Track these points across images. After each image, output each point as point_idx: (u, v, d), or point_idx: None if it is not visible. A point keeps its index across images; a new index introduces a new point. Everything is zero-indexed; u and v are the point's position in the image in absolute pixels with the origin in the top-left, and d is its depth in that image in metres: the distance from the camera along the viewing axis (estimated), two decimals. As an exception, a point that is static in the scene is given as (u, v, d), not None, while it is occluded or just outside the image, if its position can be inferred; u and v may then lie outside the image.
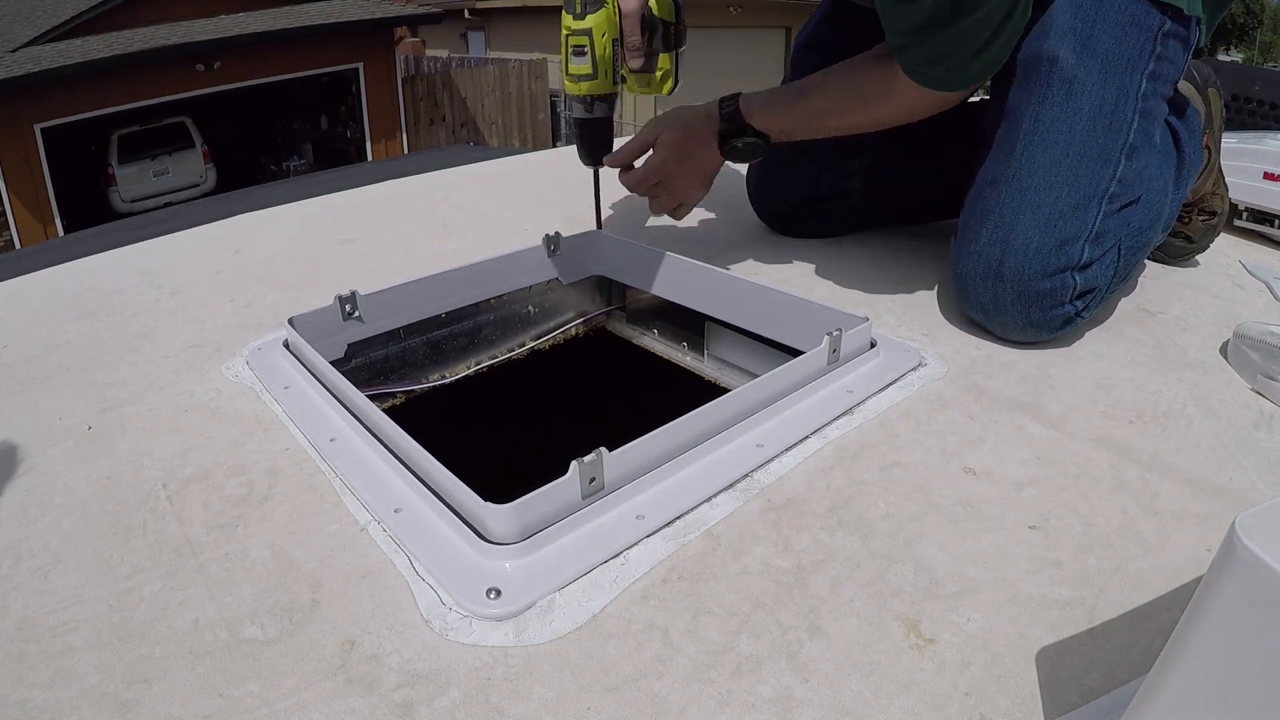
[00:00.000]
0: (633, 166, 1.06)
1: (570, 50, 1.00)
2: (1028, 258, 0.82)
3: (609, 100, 1.04)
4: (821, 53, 1.04)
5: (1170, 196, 0.95)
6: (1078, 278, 0.83)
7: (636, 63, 1.04)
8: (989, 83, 0.95)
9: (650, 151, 1.04)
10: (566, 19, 0.98)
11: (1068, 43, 0.87)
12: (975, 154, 0.94)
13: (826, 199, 1.15)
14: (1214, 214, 1.07)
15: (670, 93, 1.11)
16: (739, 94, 1.02)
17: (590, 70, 1.00)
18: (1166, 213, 0.96)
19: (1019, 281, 0.82)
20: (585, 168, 1.06)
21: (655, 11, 1.05)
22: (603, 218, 1.14)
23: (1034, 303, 0.82)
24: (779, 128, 0.98)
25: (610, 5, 0.99)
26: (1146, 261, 1.09)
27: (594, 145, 1.07)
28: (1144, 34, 0.87)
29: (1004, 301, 0.83)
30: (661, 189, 1.05)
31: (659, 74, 1.08)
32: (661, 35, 1.06)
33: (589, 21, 0.97)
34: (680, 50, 1.08)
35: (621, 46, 1.01)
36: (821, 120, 0.96)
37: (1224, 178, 1.10)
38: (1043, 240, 0.82)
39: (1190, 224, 1.07)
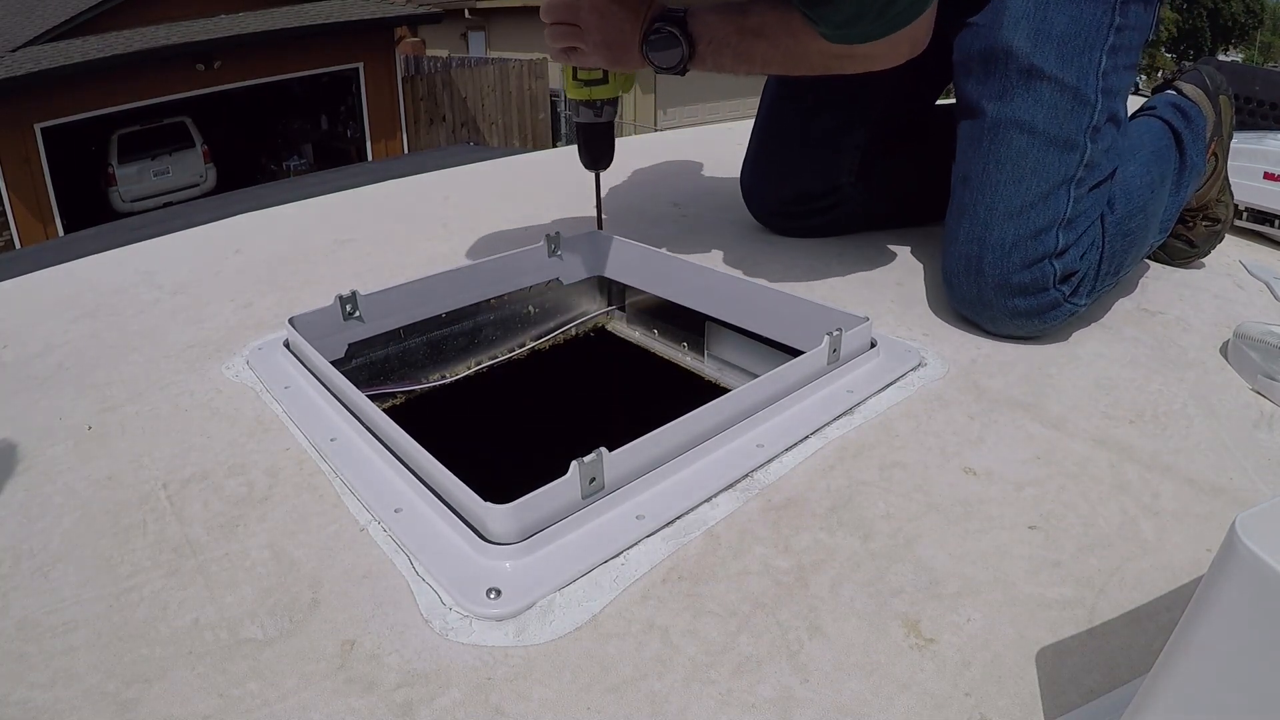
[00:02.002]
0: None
1: None
2: (1004, 252, 0.84)
3: (615, 104, 1.05)
4: None
5: (1166, 197, 0.95)
6: (1056, 264, 0.84)
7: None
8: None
9: None
10: None
11: (1022, 30, 0.86)
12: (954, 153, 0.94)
13: (819, 196, 1.15)
14: (1218, 221, 1.07)
15: (628, 90, 1.10)
16: None
17: (601, 75, 1.01)
18: (1163, 213, 0.95)
19: (998, 275, 0.84)
20: (573, 169, 1.06)
21: None
22: (603, 219, 1.14)
23: (1017, 294, 0.84)
24: (710, 35, 0.92)
25: None
26: (1148, 262, 1.09)
27: (597, 150, 1.07)
28: (1100, 7, 0.87)
29: (987, 296, 0.85)
30: (564, 35, 0.94)
31: (624, 76, 1.07)
32: None
33: None
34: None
35: None
36: (751, 41, 0.90)
37: (1230, 185, 1.10)
38: (1017, 233, 0.84)
39: (1194, 229, 1.07)
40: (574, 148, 1.09)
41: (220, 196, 2.19)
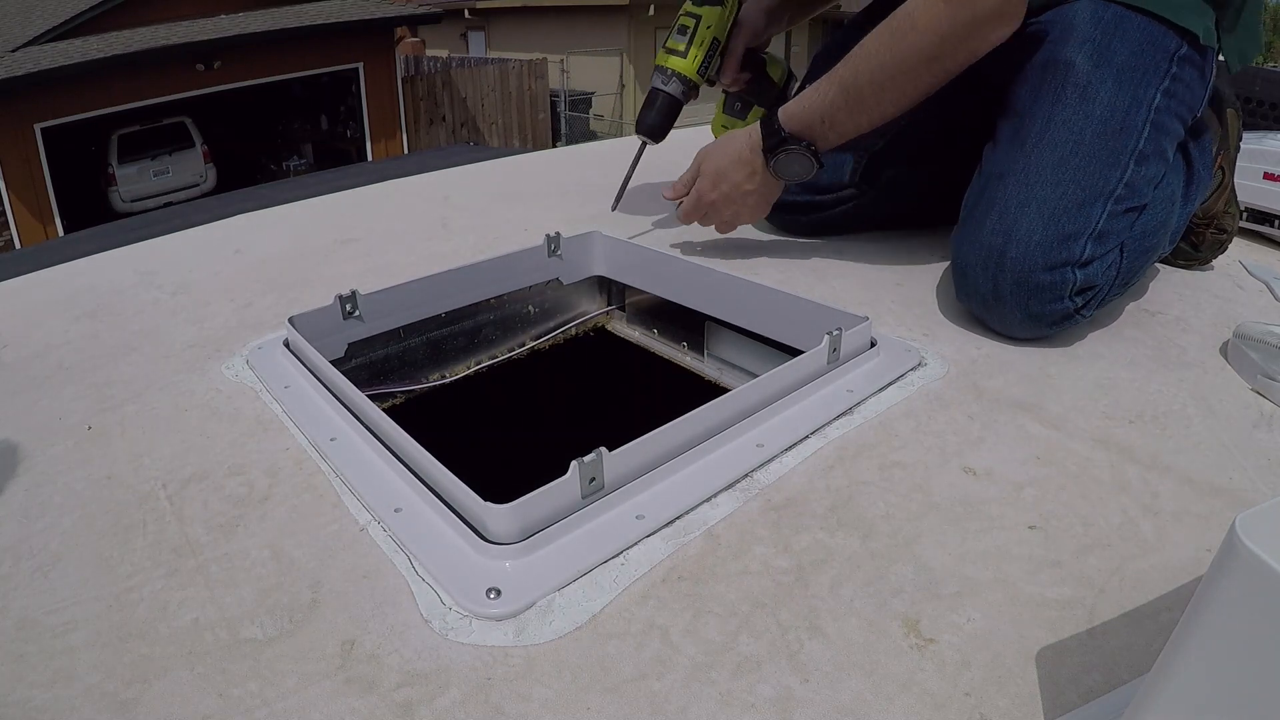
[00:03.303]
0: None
1: (676, 27, 1.11)
2: (1030, 249, 0.83)
3: (685, 84, 1.12)
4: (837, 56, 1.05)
5: (1178, 208, 0.95)
6: (1078, 273, 0.83)
7: (730, 79, 1.14)
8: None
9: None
10: (686, 3, 1.10)
11: (1085, 51, 0.88)
12: (976, 158, 0.94)
13: (823, 190, 1.16)
14: (1225, 231, 1.08)
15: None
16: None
17: (682, 49, 1.09)
18: (1174, 224, 0.96)
19: (1019, 272, 0.83)
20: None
21: (768, 68, 1.17)
22: (615, 207, 1.17)
23: (1033, 295, 0.83)
24: (819, 114, 0.94)
25: (727, 10, 1.10)
26: (1155, 265, 1.09)
27: (653, 117, 1.13)
28: (1160, 53, 0.89)
29: (1003, 291, 0.84)
30: (710, 217, 1.07)
31: (746, 125, 1.16)
32: (765, 92, 1.18)
33: (702, 10, 1.09)
34: None
35: (722, 56, 1.12)
36: (854, 85, 0.92)
37: (1236, 197, 1.11)
38: (1046, 233, 0.83)
39: (1203, 239, 1.07)
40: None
41: (220, 196, 2.19)
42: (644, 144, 1.16)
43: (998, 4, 0.85)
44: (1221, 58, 0.97)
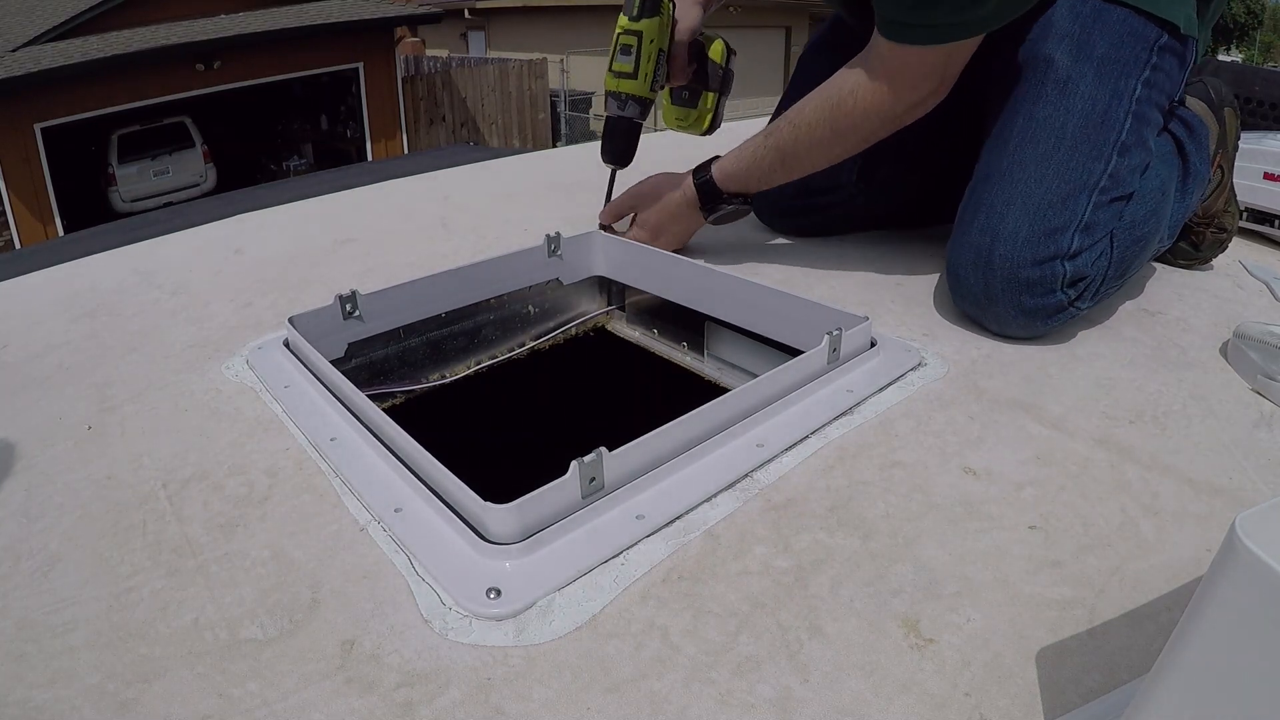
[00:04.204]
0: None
1: (618, 48, 1.06)
2: (1016, 245, 0.84)
3: (641, 104, 1.09)
4: (825, 54, 1.05)
5: (1173, 202, 0.95)
6: (1067, 265, 0.84)
7: (680, 79, 1.13)
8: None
9: (632, 215, 1.11)
10: (622, 19, 1.05)
11: (1064, 46, 0.89)
12: (971, 156, 0.95)
13: (820, 191, 1.15)
14: (1225, 230, 1.08)
15: (705, 133, 1.16)
16: (712, 161, 1.05)
17: (631, 70, 1.05)
18: (1170, 217, 0.96)
19: (1008, 268, 0.84)
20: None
21: (709, 51, 1.15)
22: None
23: (1024, 290, 0.83)
24: (756, 176, 1.01)
25: (665, 17, 1.06)
26: (1152, 264, 1.09)
27: (617, 144, 1.11)
28: (1140, 44, 0.89)
29: (994, 290, 0.85)
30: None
31: (697, 112, 1.15)
32: (711, 75, 1.15)
33: (641, 25, 1.04)
34: (724, 98, 1.18)
35: (668, 62, 1.09)
36: (792, 151, 0.98)
37: (1236, 196, 1.11)
38: (1032, 229, 0.84)
39: (1203, 238, 1.08)
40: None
41: (220, 196, 2.19)
42: (614, 171, 1.15)
43: (934, 87, 0.89)
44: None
